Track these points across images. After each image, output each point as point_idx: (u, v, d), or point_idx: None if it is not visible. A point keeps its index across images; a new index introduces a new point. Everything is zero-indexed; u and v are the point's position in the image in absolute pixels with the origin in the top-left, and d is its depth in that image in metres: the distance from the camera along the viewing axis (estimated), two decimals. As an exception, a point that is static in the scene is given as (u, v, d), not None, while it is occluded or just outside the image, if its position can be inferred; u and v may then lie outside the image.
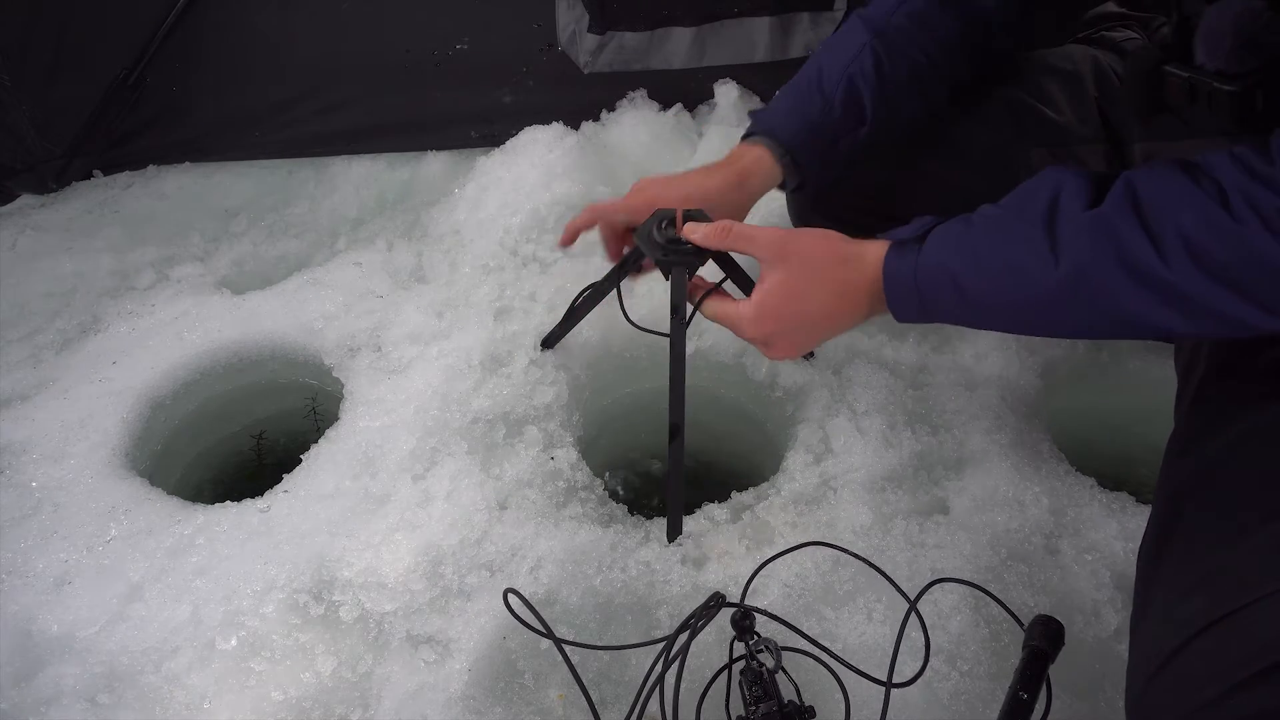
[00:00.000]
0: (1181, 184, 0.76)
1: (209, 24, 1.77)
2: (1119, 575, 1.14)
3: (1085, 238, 0.79)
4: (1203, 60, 0.88)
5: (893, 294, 0.92)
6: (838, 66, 1.12)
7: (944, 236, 0.90)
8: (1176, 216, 0.74)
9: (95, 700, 1.08)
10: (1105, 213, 0.78)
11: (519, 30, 1.81)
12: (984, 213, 0.89)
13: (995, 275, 0.85)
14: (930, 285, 0.89)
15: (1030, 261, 0.82)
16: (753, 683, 0.94)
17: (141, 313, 1.62)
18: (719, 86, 1.87)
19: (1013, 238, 0.84)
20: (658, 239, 1.07)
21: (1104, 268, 0.77)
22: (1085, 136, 1.17)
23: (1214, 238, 0.73)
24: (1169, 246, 0.74)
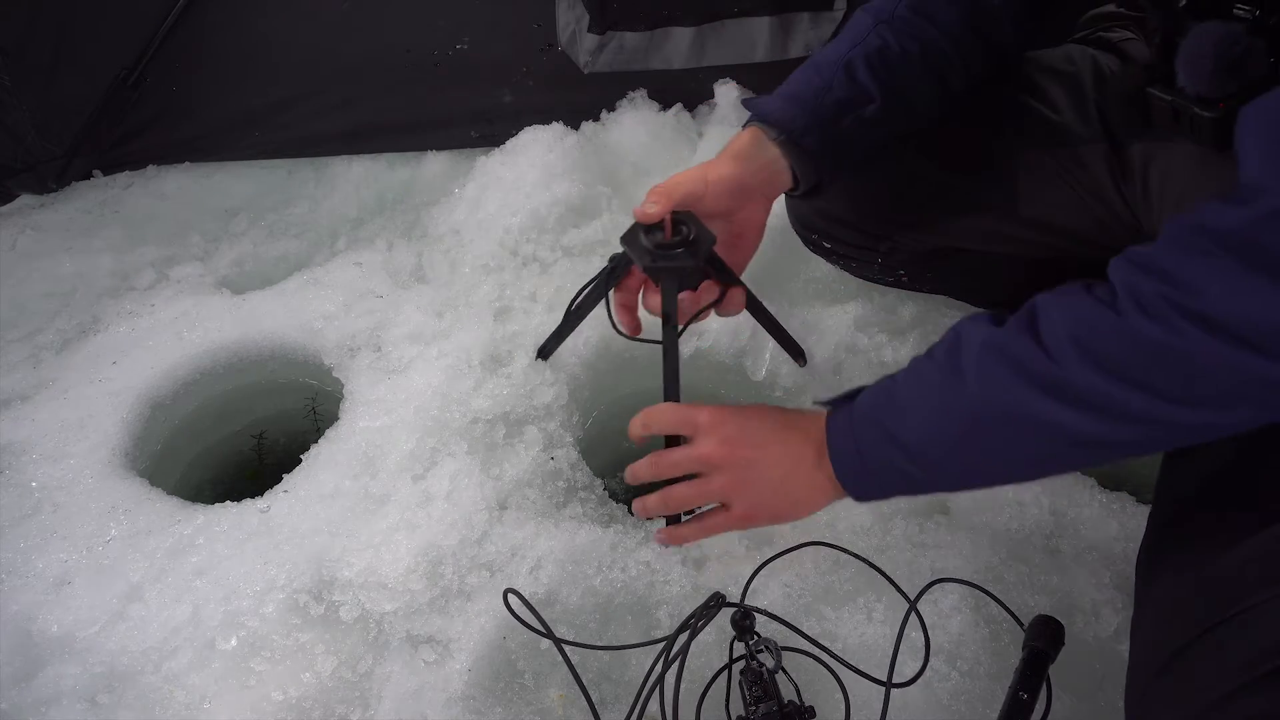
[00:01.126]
0: (1076, 295, 0.75)
1: (209, 24, 1.77)
2: (1119, 575, 1.14)
3: (986, 360, 0.79)
4: (1184, 84, 0.89)
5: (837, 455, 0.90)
6: (838, 50, 1.10)
7: (873, 394, 0.90)
8: (1065, 324, 0.74)
9: (95, 700, 1.08)
10: (1001, 334, 0.79)
11: (519, 30, 1.81)
12: (909, 365, 0.89)
13: (920, 418, 0.84)
14: (868, 441, 0.87)
15: (944, 396, 0.82)
16: (753, 683, 0.94)
17: (141, 313, 1.62)
18: (719, 86, 1.87)
19: (928, 381, 0.85)
20: (645, 244, 1.03)
21: (1006, 384, 0.77)
22: (1085, 137, 1.16)
23: (1097, 331, 0.72)
24: (1056, 348, 0.74)
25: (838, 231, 1.35)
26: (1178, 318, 0.67)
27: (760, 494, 0.95)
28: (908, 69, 1.09)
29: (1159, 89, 0.93)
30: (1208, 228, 0.68)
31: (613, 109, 1.88)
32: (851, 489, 0.91)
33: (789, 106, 1.07)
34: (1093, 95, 1.16)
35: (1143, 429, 0.72)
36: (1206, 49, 0.85)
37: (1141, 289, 0.70)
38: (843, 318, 1.48)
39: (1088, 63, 1.19)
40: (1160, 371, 0.69)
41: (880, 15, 1.11)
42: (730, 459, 0.95)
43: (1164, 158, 1.09)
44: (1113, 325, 0.71)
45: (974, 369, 0.80)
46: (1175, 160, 1.07)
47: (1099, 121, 1.15)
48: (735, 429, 0.96)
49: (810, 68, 1.11)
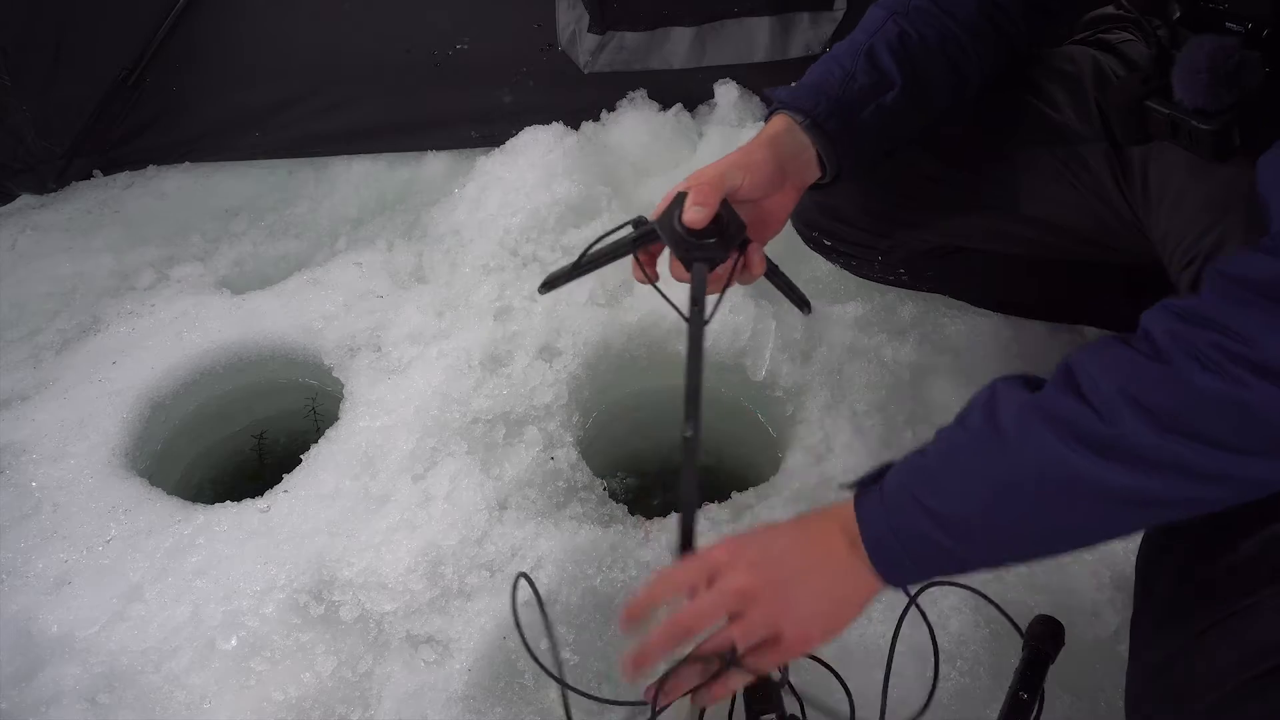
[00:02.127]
0: (1116, 351, 0.72)
1: (209, 24, 1.77)
2: (1119, 575, 1.14)
3: (1025, 422, 0.74)
4: (1180, 97, 0.89)
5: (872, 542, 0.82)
6: (858, 40, 1.08)
7: (900, 470, 0.83)
8: (1109, 378, 0.71)
9: (95, 700, 1.08)
10: (1040, 396, 0.75)
11: (519, 30, 1.81)
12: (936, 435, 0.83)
13: (956, 488, 0.78)
14: (903, 521, 0.80)
15: (982, 463, 0.77)
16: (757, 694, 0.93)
17: (141, 313, 1.62)
18: (719, 86, 1.87)
19: (962, 448, 0.79)
20: (680, 230, 0.98)
21: (1049, 444, 0.72)
22: (1085, 136, 1.17)
23: (1148, 386, 0.69)
24: (1105, 405, 0.70)
25: (839, 229, 1.35)
26: (1235, 367, 0.65)
27: (806, 609, 0.85)
28: (928, 57, 1.07)
29: (1156, 102, 0.93)
30: (1250, 280, 0.66)
31: (613, 109, 1.88)
32: (885, 572, 0.82)
33: (812, 94, 1.05)
34: (1093, 95, 1.16)
35: (1197, 485, 0.70)
36: (1201, 62, 0.86)
37: (1193, 341, 0.68)
38: (843, 317, 1.48)
39: (1088, 63, 1.19)
40: (1220, 422, 0.67)
41: (895, 8, 1.10)
42: (763, 584, 0.85)
43: (1162, 158, 1.09)
44: (1165, 378, 0.68)
45: (1014, 430, 0.74)
46: (1173, 161, 1.07)
47: (1099, 121, 1.15)
48: (757, 552, 0.87)
49: (830, 59, 1.09)
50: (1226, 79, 0.85)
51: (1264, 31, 0.84)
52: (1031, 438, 0.73)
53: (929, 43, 1.07)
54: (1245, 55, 0.84)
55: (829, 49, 1.76)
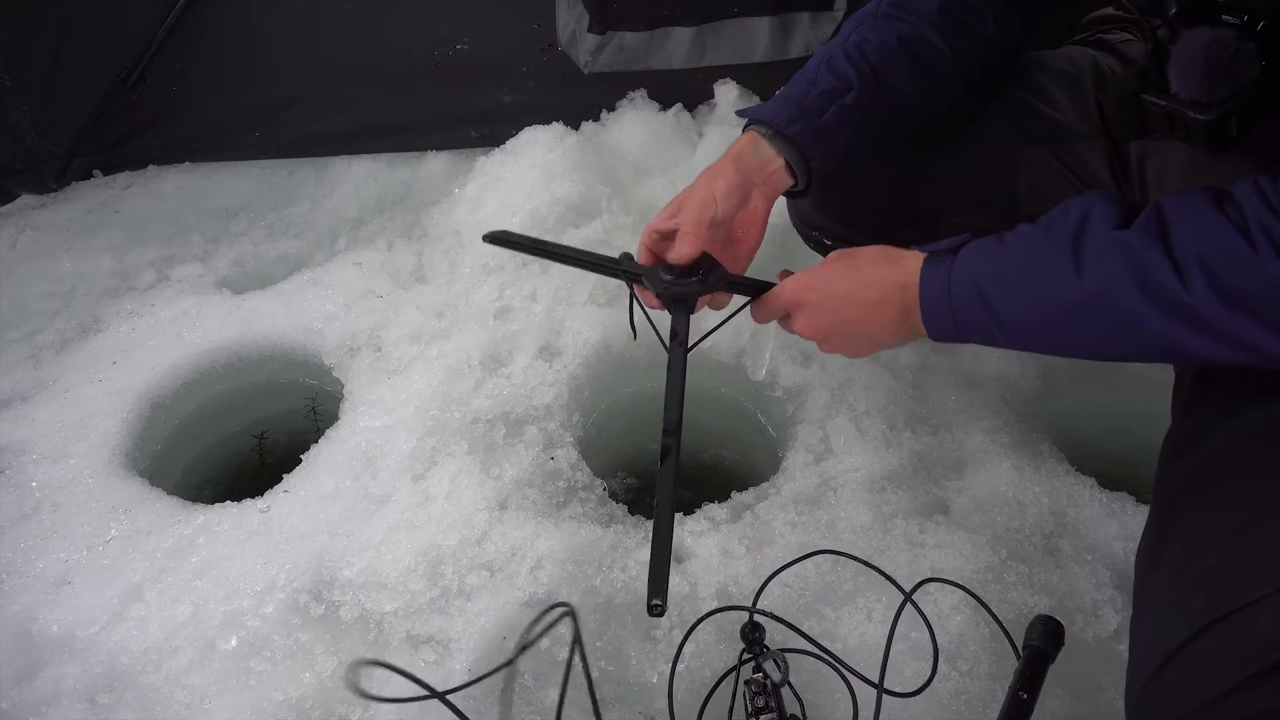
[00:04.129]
0: (1207, 212, 0.77)
1: (209, 24, 1.77)
2: (1119, 575, 1.14)
3: (1109, 258, 0.80)
4: (1177, 89, 0.89)
5: (926, 302, 0.94)
6: (822, 53, 1.14)
7: (975, 251, 0.91)
8: (1198, 243, 0.76)
9: (95, 700, 1.08)
10: (1130, 235, 0.79)
11: (519, 30, 1.81)
12: (1018, 231, 0.90)
13: (1019, 290, 0.86)
14: (959, 295, 0.91)
15: (1054, 278, 0.84)
16: (756, 693, 0.93)
17: (141, 313, 1.62)
18: (719, 86, 1.87)
19: (1039, 255, 0.85)
20: (661, 272, 1.08)
21: (1125, 288, 0.79)
22: (1085, 135, 1.17)
23: (1232, 265, 0.74)
24: (1189, 271, 0.76)
25: (839, 229, 1.35)
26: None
27: (851, 347, 1.05)
28: (885, 57, 1.11)
29: (1153, 94, 0.94)
30: None
31: (613, 109, 1.88)
32: (931, 331, 0.95)
33: (774, 105, 1.11)
34: (1093, 94, 1.16)
35: (1239, 353, 0.77)
36: (1196, 54, 0.86)
37: (1276, 233, 0.72)
38: (843, 318, 1.48)
39: (1088, 63, 1.19)
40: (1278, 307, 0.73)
41: (862, 19, 1.15)
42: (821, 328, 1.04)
43: (1159, 156, 1.09)
44: (1247, 260, 0.73)
45: (1095, 261, 0.81)
46: (1170, 158, 1.07)
47: (1099, 120, 1.15)
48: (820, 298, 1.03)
49: (798, 74, 1.14)
50: (1222, 70, 0.85)
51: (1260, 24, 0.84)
52: (1110, 275, 0.80)
53: (887, 42, 1.11)
54: (1241, 47, 0.84)
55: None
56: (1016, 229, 0.90)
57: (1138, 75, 0.96)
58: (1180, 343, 0.78)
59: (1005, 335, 0.89)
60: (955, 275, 0.91)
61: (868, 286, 0.99)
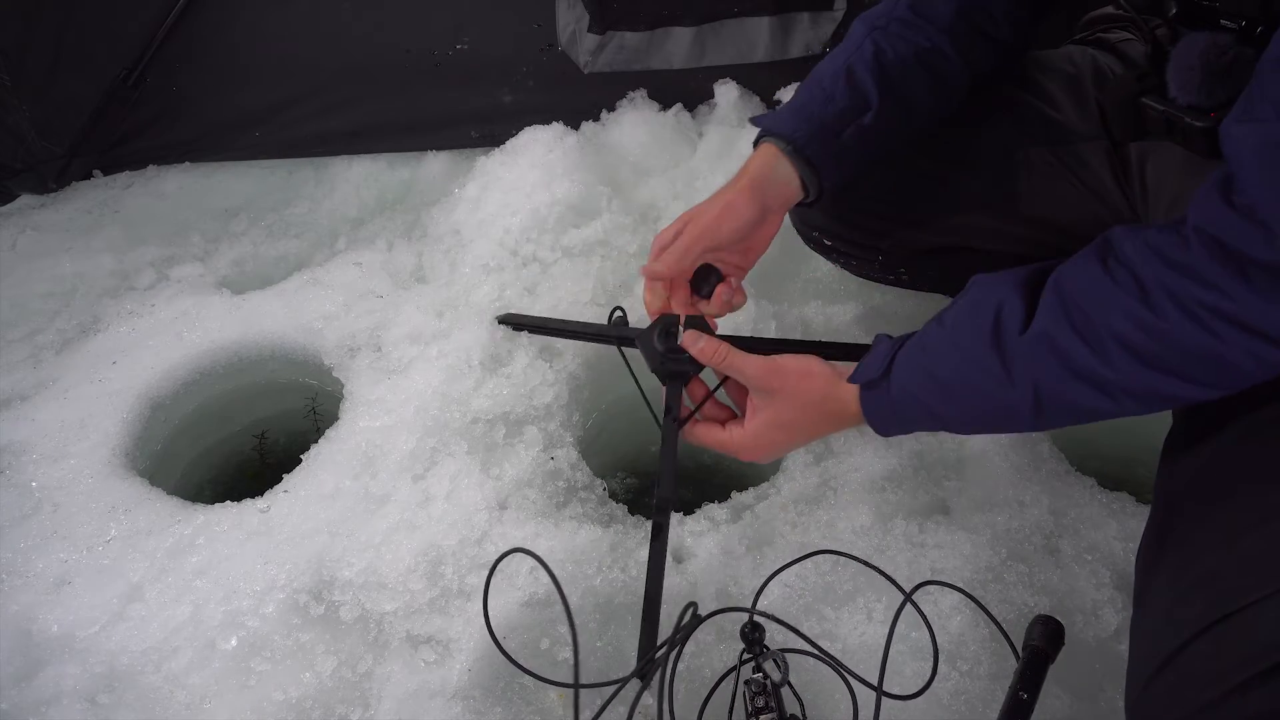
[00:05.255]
0: (1103, 284, 0.81)
1: (209, 24, 1.77)
2: (1119, 575, 1.14)
3: (1032, 358, 0.85)
4: (1175, 94, 0.90)
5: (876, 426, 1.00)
6: (836, 61, 1.12)
7: (907, 371, 0.95)
8: (1106, 320, 0.80)
9: (95, 700, 1.08)
10: (1043, 329, 0.84)
11: (519, 30, 1.81)
12: (938, 334, 0.94)
13: (962, 401, 0.92)
14: (907, 415, 0.97)
15: (990, 386, 0.88)
16: (756, 693, 0.93)
17: (141, 313, 1.62)
18: (719, 86, 1.87)
19: (969, 362, 0.90)
20: (658, 347, 1.11)
21: (1054, 379, 0.84)
22: (1086, 135, 1.17)
23: (1143, 334, 0.78)
24: (1106, 349, 0.80)
25: (839, 229, 1.35)
26: (1220, 323, 0.74)
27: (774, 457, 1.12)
28: (904, 72, 1.10)
29: (1152, 99, 0.94)
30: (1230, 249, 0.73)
31: (613, 109, 1.88)
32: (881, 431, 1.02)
33: (794, 118, 1.10)
34: (1093, 94, 1.16)
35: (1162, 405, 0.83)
36: (1194, 59, 0.86)
37: (1179, 293, 0.76)
38: (843, 318, 1.48)
39: (1088, 63, 1.19)
40: (1201, 366, 0.78)
41: (874, 23, 1.13)
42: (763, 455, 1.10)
43: (1158, 156, 1.09)
44: (1155, 327, 0.78)
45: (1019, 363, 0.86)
46: (1170, 159, 1.07)
47: (1099, 120, 1.15)
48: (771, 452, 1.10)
49: (812, 82, 1.13)
50: (1219, 76, 0.85)
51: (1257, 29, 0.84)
52: (1035, 368, 0.85)
53: (906, 58, 1.10)
54: (1239, 52, 0.84)
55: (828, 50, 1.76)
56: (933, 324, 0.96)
57: (1137, 79, 0.96)
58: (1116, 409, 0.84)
59: (951, 429, 0.99)
60: (897, 400, 0.96)
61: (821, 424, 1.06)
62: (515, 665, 0.99)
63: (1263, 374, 0.77)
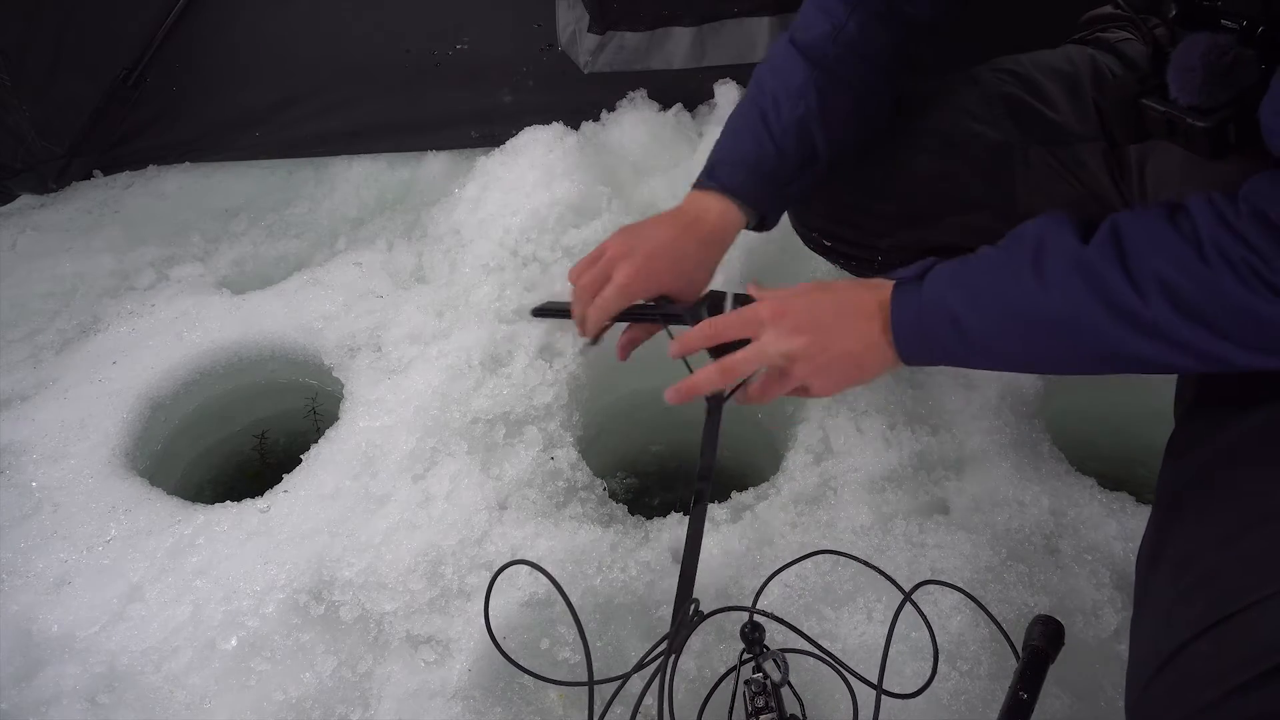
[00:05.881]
0: (1161, 228, 0.80)
1: (209, 24, 1.77)
2: (1119, 575, 1.14)
3: (1069, 277, 0.84)
4: (1176, 95, 0.90)
5: (899, 326, 0.96)
6: (784, 111, 1.15)
7: (942, 275, 0.94)
8: (1154, 259, 0.80)
9: (95, 700, 1.08)
10: (1088, 253, 0.83)
11: (519, 30, 1.81)
12: (980, 253, 0.93)
13: (989, 310, 0.90)
14: (931, 320, 0.93)
15: (1020, 298, 0.87)
16: (756, 693, 0.93)
17: (141, 313, 1.62)
18: (719, 86, 1.87)
19: (1004, 275, 0.89)
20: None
21: (1087, 305, 0.83)
22: (1084, 135, 1.17)
23: (1189, 281, 0.78)
24: (1147, 287, 0.79)
25: (839, 230, 1.35)
26: (1262, 286, 0.75)
27: (837, 373, 1.02)
28: (844, 124, 1.17)
29: (1153, 100, 0.94)
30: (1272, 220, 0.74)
31: (613, 109, 1.88)
32: (907, 356, 0.98)
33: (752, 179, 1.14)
34: (1091, 95, 1.16)
35: (1202, 362, 0.81)
36: (1195, 60, 0.86)
37: (1231, 253, 0.76)
38: (843, 318, 1.48)
39: (1086, 63, 1.19)
40: (1239, 323, 0.77)
41: (812, 56, 1.15)
42: (805, 349, 1.00)
43: (1158, 157, 1.09)
44: (1203, 277, 0.77)
45: (1058, 279, 0.84)
46: (1169, 160, 1.07)
47: (1097, 121, 1.15)
48: (800, 316, 1.01)
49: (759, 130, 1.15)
50: (1221, 76, 0.85)
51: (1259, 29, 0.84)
52: (1070, 291, 0.83)
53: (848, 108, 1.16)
54: (1240, 53, 0.84)
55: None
56: (978, 251, 0.93)
57: (1137, 80, 0.96)
58: (1139, 352, 0.82)
59: (976, 355, 0.94)
60: (925, 300, 0.94)
61: (848, 303, 1.01)
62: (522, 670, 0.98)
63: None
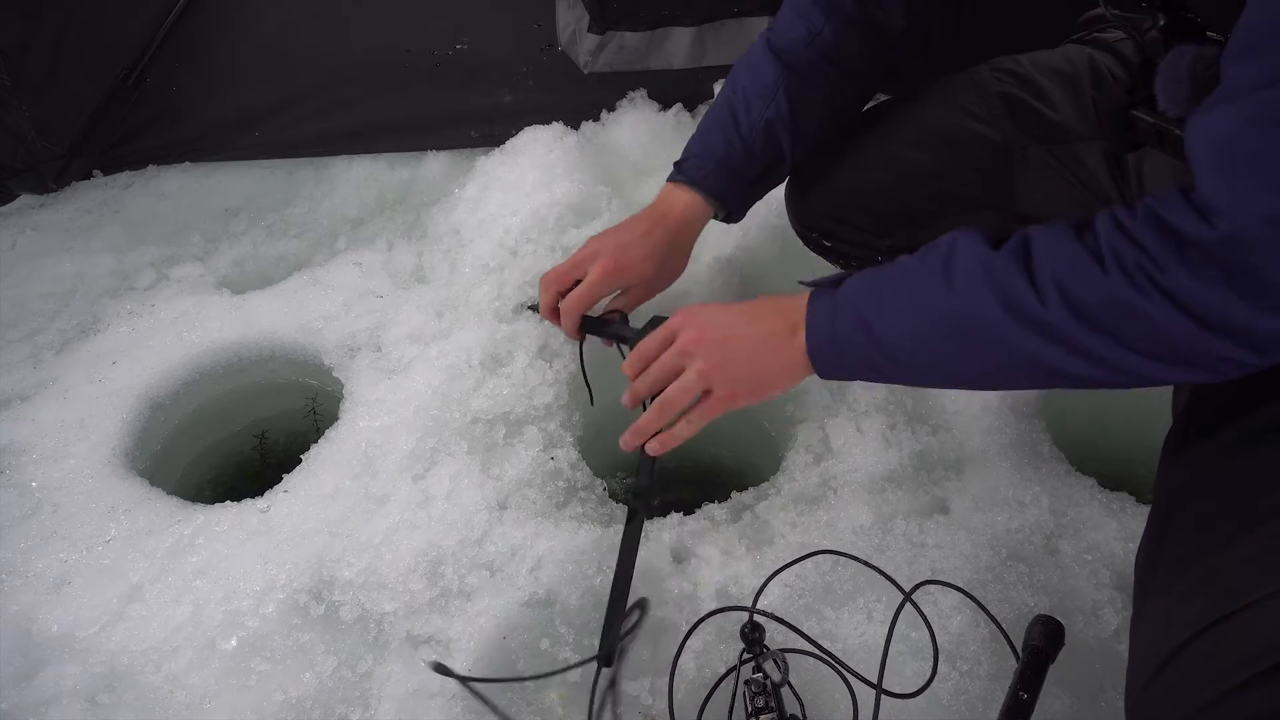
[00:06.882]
0: (1067, 238, 0.82)
1: (209, 24, 1.77)
2: (1119, 575, 1.14)
3: (972, 276, 0.86)
4: (1164, 106, 0.90)
5: (813, 334, 0.97)
6: (755, 111, 1.20)
7: (856, 281, 0.96)
8: (1054, 264, 0.81)
9: (95, 700, 1.08)
10: (995, 257, 0.85)
11: (519, 30, 1.81)
12: (898, 260, 0.95)
13: (898, 313, 0.91)
14: (844, 325, 0.95)
15: (927, 300, 0.89)
16: (756, 693, 0.93)
17: (141, 313, 1.62)
18: (719, 86, 1.85)
19: (914, 279, 0.91)
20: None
21: (988, 302, 0.84)
22: (1083, 134, 1.17)
23: (1083, 284, 0.79)
24: (1046, 291, 0.81)
25: (839, 229, 1.35)
26: (1152, 289, 0.76)
27: (736, 370, 1.03)
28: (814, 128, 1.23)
29: (1142, 111, 0.95)
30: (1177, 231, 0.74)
31: (613, 109, 1.88)
32: (819, 367, 0.98)
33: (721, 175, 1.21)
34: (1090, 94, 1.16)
35: (1095, 367, 0.82)
36: (1183, 72, 0.87)
37: (1125, 257, 0.77)
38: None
39: (1085, 63, 1.19)
40: (1131, 327, 0.78)
41: (785, 58, 1.20)
42: (703, 341, 1.03)
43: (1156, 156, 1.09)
44: (1098, 281, 0.78)
45: (963, 281, 0.86)
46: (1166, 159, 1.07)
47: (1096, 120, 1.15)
48: (706, 316, 1.05)
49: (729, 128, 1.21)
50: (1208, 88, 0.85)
51: None
52: (974, 293, 0.85)
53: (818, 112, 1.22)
54: None
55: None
56: (896, 260, 0.95)
57: (1126, 91, 0.97)
58: (1047, 359, 0.83)
59: (890, 364, 0.93)
60: (839, 304, 0.95)
61: (757, 312, 1.03)
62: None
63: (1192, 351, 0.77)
